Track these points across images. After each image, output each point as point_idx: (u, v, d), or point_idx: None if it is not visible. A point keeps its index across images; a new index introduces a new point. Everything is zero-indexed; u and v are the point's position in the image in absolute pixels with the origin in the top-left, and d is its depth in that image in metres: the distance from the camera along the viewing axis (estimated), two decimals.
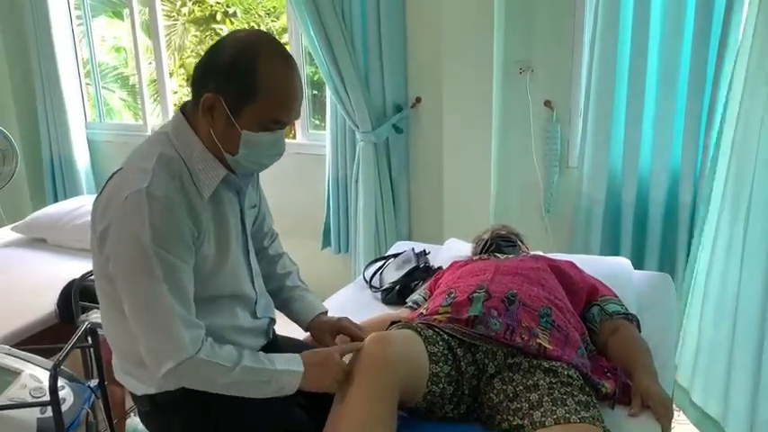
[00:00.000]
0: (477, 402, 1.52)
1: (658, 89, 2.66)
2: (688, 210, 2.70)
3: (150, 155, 1.22)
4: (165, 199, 1.17)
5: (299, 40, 3.46)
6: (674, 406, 1.60)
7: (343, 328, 1.53)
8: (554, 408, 1.35)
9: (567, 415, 1.32)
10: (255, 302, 1.43)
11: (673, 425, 1.62)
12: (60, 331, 2.35)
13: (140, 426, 2.06)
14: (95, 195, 1.28)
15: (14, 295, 2.58)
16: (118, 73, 6.44)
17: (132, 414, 2.07)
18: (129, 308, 1.20)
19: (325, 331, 1.53)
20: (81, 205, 3.31)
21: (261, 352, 1.31)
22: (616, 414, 1.54)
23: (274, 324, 1.53)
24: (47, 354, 1.93)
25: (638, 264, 2.79)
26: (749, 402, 2.14)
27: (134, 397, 1.34)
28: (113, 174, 1.26)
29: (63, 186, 4.21)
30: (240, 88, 1.20)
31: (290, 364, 1.29)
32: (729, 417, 2.23)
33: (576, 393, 1.40)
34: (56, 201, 4.09)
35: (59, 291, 2.37)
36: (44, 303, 2.48)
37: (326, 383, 1.32)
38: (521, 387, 1.44)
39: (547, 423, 1.31)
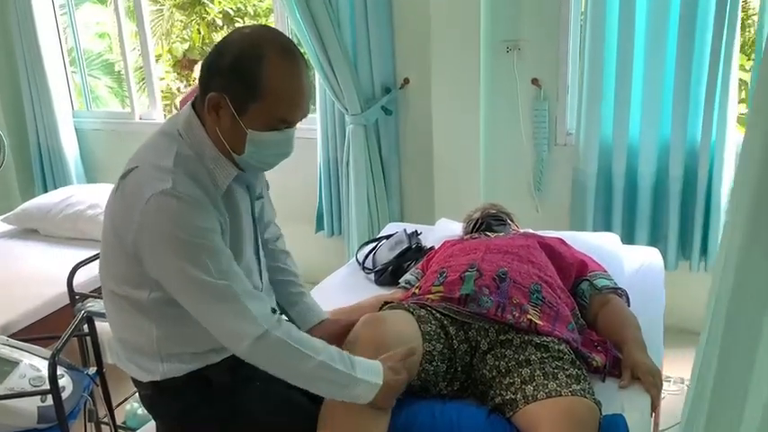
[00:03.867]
0: (471, 379, 1.55)
1: (646, 63, 2.68)
2: (679, 183, 2.74)
3: (167, 153, 1.21)
4: (191, 198, 1.17)
5: (285, 22, 3.44)
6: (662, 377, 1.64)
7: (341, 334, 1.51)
8: (546, 382, 1.38)
9: (559, 388, 1.35)
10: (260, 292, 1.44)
11: (662, 395, 1.66)
12: (56, 321, 2.37)
13: (139, 410, 2.09)
14: (111, 192, 1.25)
15: (9, 286, 2.58)
16: (103, 60, 6.38)
17: (132, 400, 2.09)
18: (190, 306, 1.20)
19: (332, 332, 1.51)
20: (71, 195, 3.29)
21: (344, 352, 1.27)
22: (607, 386, 1.57)
23: (276, 313, 1.54)
24: (44, 344, 1.95)
25: (629, 239, 2.83)
26: None
27: (136, 381, 1.36)
28: (128, 171, 1.23)
29: (52, 176, 4.19)
30: (244, 88, 1.19)
31: (370, 374, 1.27)
32: None
33: (566, 367, 1.43)
34: (45, 190, 4.07)
35: (54, 280, 2.38)
36: (39, 294, 2.49)
37: (389, 403, 1.32)
38: (513, 362, 1.47)
39: (539, 397, 1.35)
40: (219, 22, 6.64)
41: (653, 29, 2.62)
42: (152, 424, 1.49)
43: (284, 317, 1.46)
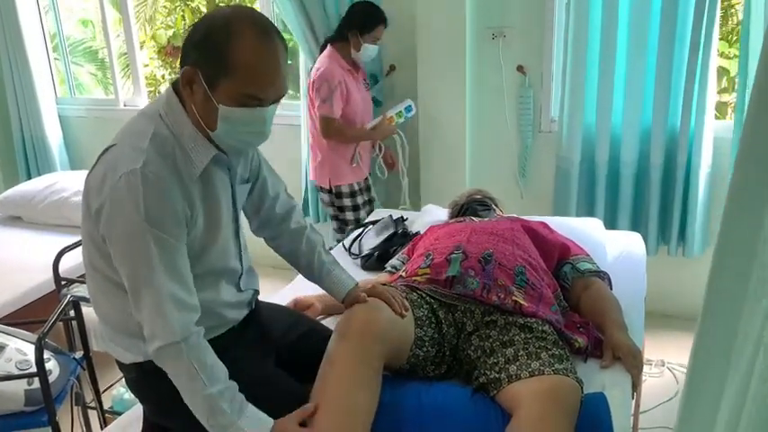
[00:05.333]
0: (457, 360, 1.58)
1: (629, 52, 2.71)
2: (659, 171, 2.78)
3: (144, 133, 1.22)
4: (159, 180, 1.18)
5: (270, 8, 3.43)
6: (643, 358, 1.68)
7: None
8: (529, 361, 1.41)
9: (542, 367, 1.38)
10: (240, 276, 1.44)
11: (643, 377, 1.70)
12: (42, 308, 2.36)
13: (126, 395, 2.10)
14: (89, 170, 1.26)
15: None
16: (86, 47, 6.30)
17: (119, 385, 2.09)
18: (127, 285, 1.22)
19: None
20: (55, 182, 3.28)
21: (240, 395, 1.25)
22: (589, 366, 1.61)
23: (257, 295, 1.54)
24: (30, 329, 1.95)
25: (612, 224, 2.87)
26: None
27: (121, 365, 1.36)
28: (107, 148, 1.25)
29: (36, 163, 4.16)
30: (214, 62, 1.19)
31: (256, 425, 1.23)
32: None
33: (549, 347, 1.46)
34: (29, 178, 4.04)
35: (38, 267, 2.37)
36: (24, 280, 2.48)
37: None
38: (497, 343, 1.49)
39: (522, 376, 1.37)
40: (204, 8, 6.58)
41: (636, 18, 2.66)
42: (139, 407, 1.50)
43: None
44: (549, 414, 1.27)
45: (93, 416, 2.07)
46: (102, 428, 1.98)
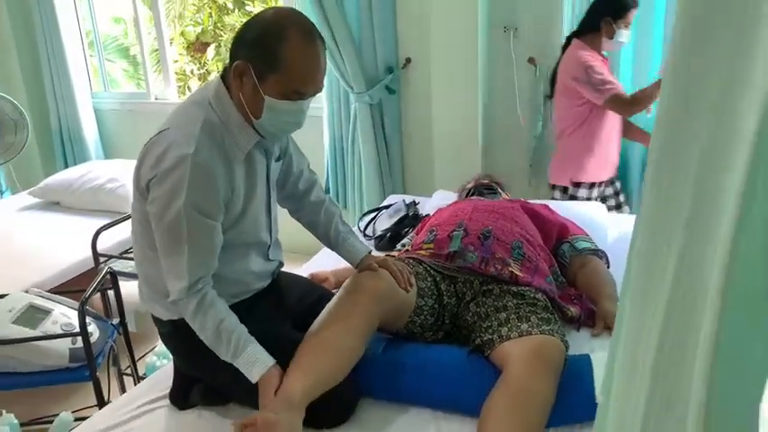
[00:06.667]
0: (456, 326, 1.72)
1: (636, 43, 2.81)
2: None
3: (195, 119, 1.38)
4: (206, 168, 1.34)
5: (294, 5, 3.58)
6: None
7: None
8: (519, 324, 1.54)
9: (530, 329, 1.52)
10: (269, 247, 1.61)
11: None
12: (80, 283, 2.56)
13: (158, 363, 2.28)
14: (142, 152, 1.40)
15: (37, 251, 2.77)
16: (118, 44, 6.55)
17: (152, 354, 2.27)
18: (158, 247, 1.41)
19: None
20: (90, 170, 3.48)
21: (246, 336, 1.41)
22: (581, 335, 1.74)
23: (281, 267, 1.71)
24: (72, 298, 2.14)
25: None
26: None
27: (158, 321, 1.54)
28: (159, 132, 1.39)
29: (72, 153, 4.39)
30: (266, 59, 1.35)
31: (252, 366, 1.39)
32: None
33: (539, 312, 1.59)
34: (66, 167, 4.26)
35: (77, 247, 2.56)
36: (65, 257, 2.69)
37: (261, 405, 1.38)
38: (491, 308, 1.63)
39: (512, 336, 1.51)
40: (230, 5, 6.78)
41: (642, 7, 2.74)
42: (168, 368, 1.67)
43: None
44: (534, 369, 1.40)
45: (129, 382, 2.27)
46: None
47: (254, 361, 1.39)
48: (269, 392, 1.36)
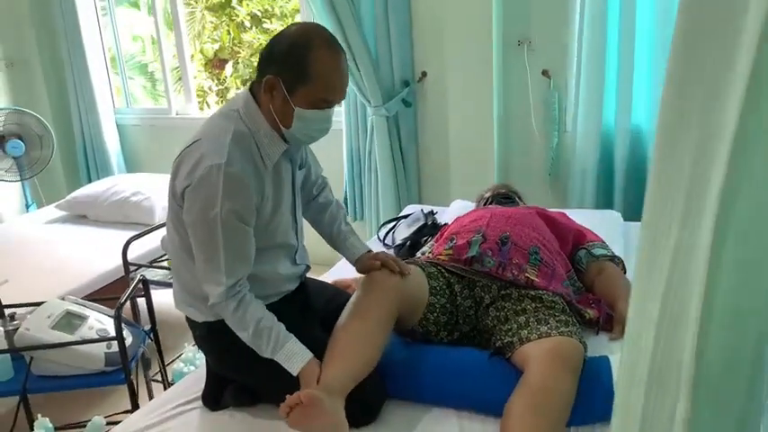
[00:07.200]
0: (477, 330, 1.78)
1: (652, 54, 2.86)
2: None
3: (226, 130, 1.46)
4: (239, 177, 1.42)
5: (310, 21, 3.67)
6: None
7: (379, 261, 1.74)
8: (538, 326, 1.60)
9: (549, 331, 1.57)
10: (296, 251, 1.68)
11: None
12: (111, 292, 2.64)
13: (185, 369, 2.35)
14: (176, 161, 1.48)
15: (67, 262, 2.87)
16: (137, 61, 6.70)
17: (179, 360, 2.34)
18: (195, 253, 1.48)
19: (367, 267, 1.76)
20: (115, 184, 3.59)
21: (285, 331, 1.49)
22: (599, 339, 1.78)
23: (308, 270, 1.79)
24: (105, 306, 2.22)
25: (633, 217, 3.00)
26: None
27: (193, 324, 1.62)
28: (192, 143, 1.48)
29: (96, 167, 4.50)
30: (295, 72, 1.43)
31: (292, 359, 1.47)
32: None
33: (557, 314, 1.65)
34: (89, 181, 4.37)
35: (106, 257, 2.64)
36: (95, 267, 2.77)
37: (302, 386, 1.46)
38: (511, 312, 1.69)
39: (531, 338, 1.56)
40: (248, 23, 6.91)
41: (658, 20, 2.80)
42: (200, 371, 1.74)
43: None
44: (553, 369, 1.45)
45: (156, 388, 2.34)
46: None
47: (294, 354, 1.46)
48: (311, 383, 1.43)
